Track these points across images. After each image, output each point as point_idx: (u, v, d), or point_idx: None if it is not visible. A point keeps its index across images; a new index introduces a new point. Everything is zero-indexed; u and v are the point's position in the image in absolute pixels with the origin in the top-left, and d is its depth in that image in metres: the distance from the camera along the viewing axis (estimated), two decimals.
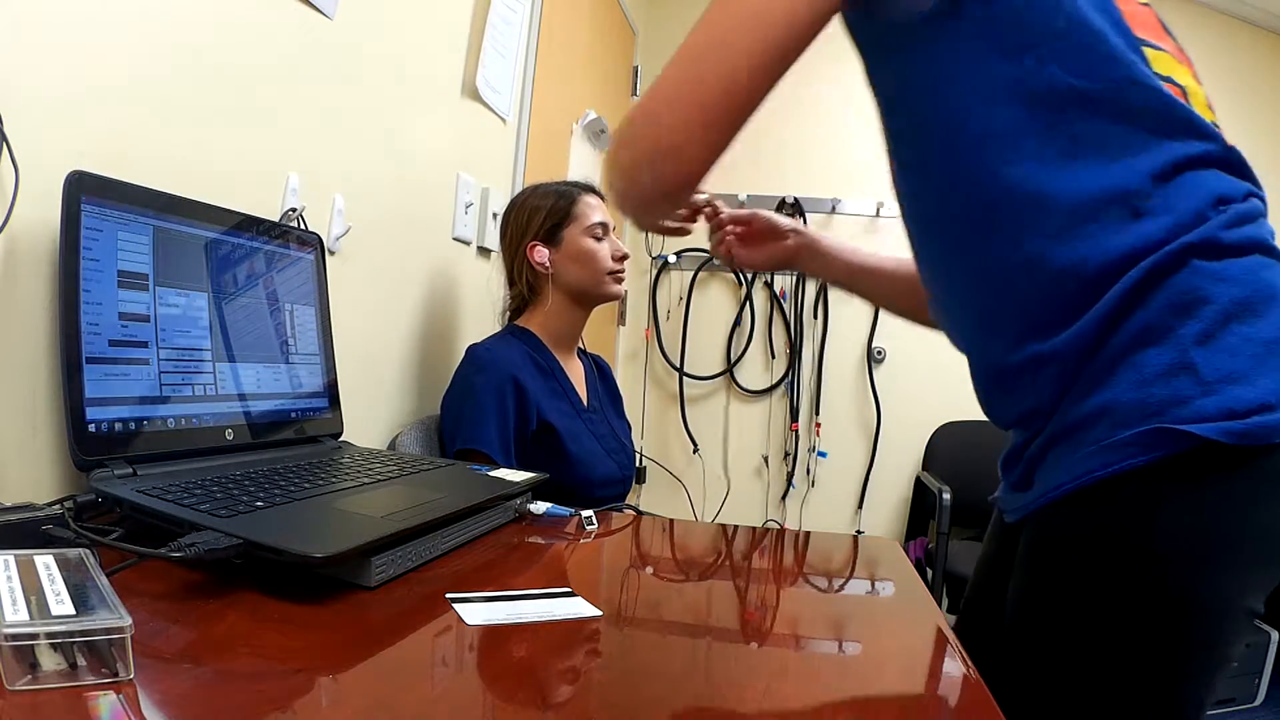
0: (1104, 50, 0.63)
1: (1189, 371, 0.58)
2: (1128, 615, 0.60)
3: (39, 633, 0.40)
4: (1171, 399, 0.58)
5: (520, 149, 1.84)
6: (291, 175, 1.04)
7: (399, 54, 1.29)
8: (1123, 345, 0.60)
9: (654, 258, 3.01)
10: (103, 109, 0.75)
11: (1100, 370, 0.61)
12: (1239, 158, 0.66)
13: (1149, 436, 0.58)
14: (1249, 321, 0.58)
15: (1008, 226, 0.65)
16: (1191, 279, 0.59)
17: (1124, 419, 0.59)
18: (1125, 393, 0.59)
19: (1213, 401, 0.57)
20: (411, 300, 1.42)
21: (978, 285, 0.70)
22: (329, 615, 0.56)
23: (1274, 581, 0.62)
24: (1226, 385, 0.57)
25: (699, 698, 0.50)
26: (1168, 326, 0.59)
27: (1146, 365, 0.59)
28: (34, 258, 0.69)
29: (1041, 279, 0.64)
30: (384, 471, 0.87)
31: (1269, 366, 0.58)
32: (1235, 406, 0.56)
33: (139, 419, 0.72)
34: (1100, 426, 0.60)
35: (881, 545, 1.00)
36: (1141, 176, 0.62)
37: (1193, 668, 0.61)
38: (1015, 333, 0.67)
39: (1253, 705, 2.35)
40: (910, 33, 0.67)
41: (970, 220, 0.68)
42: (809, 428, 2.96)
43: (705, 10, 0.66)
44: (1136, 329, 0.60)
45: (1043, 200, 0.63)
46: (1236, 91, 2.80)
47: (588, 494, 1.28)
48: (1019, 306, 0.67)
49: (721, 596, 0.76)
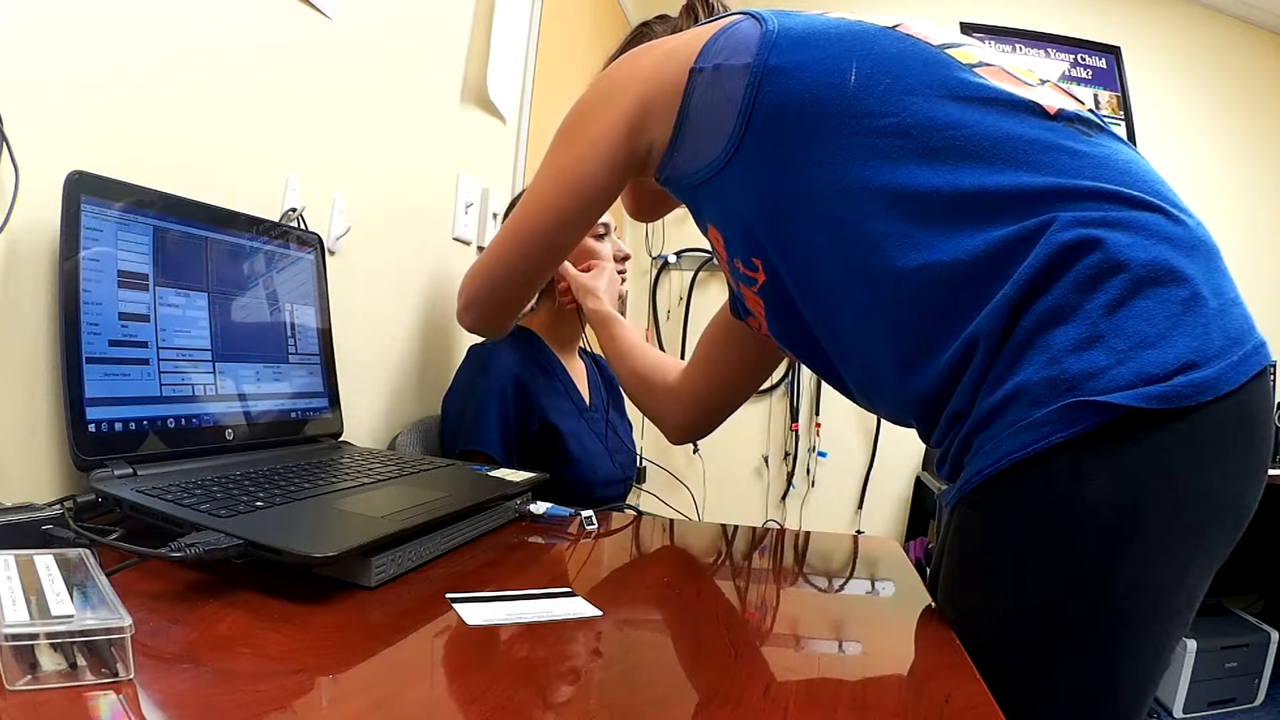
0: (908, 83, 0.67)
1: (1102, 342, 0.56)
2: (1052, 595, 0.59)
3: (39, 633, 0.40)
4: (1084, 372, 0.56)
5: (520, 149, 1.84)
6: (291, 175, 1.04)
7: (399, 54, 1.29)
8: (1029, 329, 0.59)
9: (654, 258, 3.02)
10: (103, 109, 0.75)
11: (1010, 356, 0.60)
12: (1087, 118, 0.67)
13: (1066, 412, 0.56)
14: (1166, 283, 0.57)
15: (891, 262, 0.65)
16: (1094, 257, 0.58)
17: (1037, 397, 0.57)
18: (1037, 371, 0.58)
19: (1128, 369, 0.55)
20: (411, 300, 1.42)
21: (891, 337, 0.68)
22: (329, 615, 0.56)
23: (1219, 550, 0.60)
24: (1142, 351, 0.56)
25: (699, 698, 0.50)
26: (1072, 304, 0.58)
27: (1055, 343, 0.58)
28: (34, 258, 0.69)
29: (937, 288, 0.63)
30: (384, 471, 0.87)
31: (1184, 326, 0.56)
32: (1154, 370, 0.55)
33: (139, 419, 0.72)
34: (1016, 407, 0.59)
35: (881, 545, 1.00)
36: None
37: (1126, 648, 0.59)
38: (927, 357, 0.66)
39: (1253, 705, 2.35)
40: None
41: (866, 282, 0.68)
42: (809, 428, 2.97)
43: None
44: (1041, 312, 0.59)
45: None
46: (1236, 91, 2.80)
47: (589, 494, 1.28)
48: (924, 331, 0.66)
49: (721, 596, 0.76)
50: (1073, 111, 0.66)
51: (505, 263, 0.90)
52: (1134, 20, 2.85)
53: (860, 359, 0.74)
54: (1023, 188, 0.62)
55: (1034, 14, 2.87)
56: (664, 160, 0.80)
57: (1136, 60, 2.86)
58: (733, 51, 0.73)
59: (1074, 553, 0.58)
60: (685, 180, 0.79)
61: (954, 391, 0.64)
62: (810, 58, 0.70)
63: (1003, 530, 0.61)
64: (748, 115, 0.71)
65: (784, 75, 0.70)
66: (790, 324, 0.79)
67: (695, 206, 0.83)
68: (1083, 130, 0.65)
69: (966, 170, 0.63)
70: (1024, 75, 0.69)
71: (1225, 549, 0.61)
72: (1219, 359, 0.56)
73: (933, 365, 0.65)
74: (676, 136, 0.77)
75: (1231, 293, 0.61)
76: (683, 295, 3.04)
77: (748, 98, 0.71)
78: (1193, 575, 0.59)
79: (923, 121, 0.65)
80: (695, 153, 0.76)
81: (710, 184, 0.76)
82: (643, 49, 0.82)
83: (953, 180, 0.63)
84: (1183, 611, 0.60)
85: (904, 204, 0.64)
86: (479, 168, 1.64)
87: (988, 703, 0.49)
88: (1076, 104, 0.68)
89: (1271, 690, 2.37)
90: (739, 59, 0.72)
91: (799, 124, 0.69)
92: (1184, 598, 0.60)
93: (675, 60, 0.77)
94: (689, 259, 3.01)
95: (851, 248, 0.68)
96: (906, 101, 0.66)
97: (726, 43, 0.74)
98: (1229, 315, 0.59)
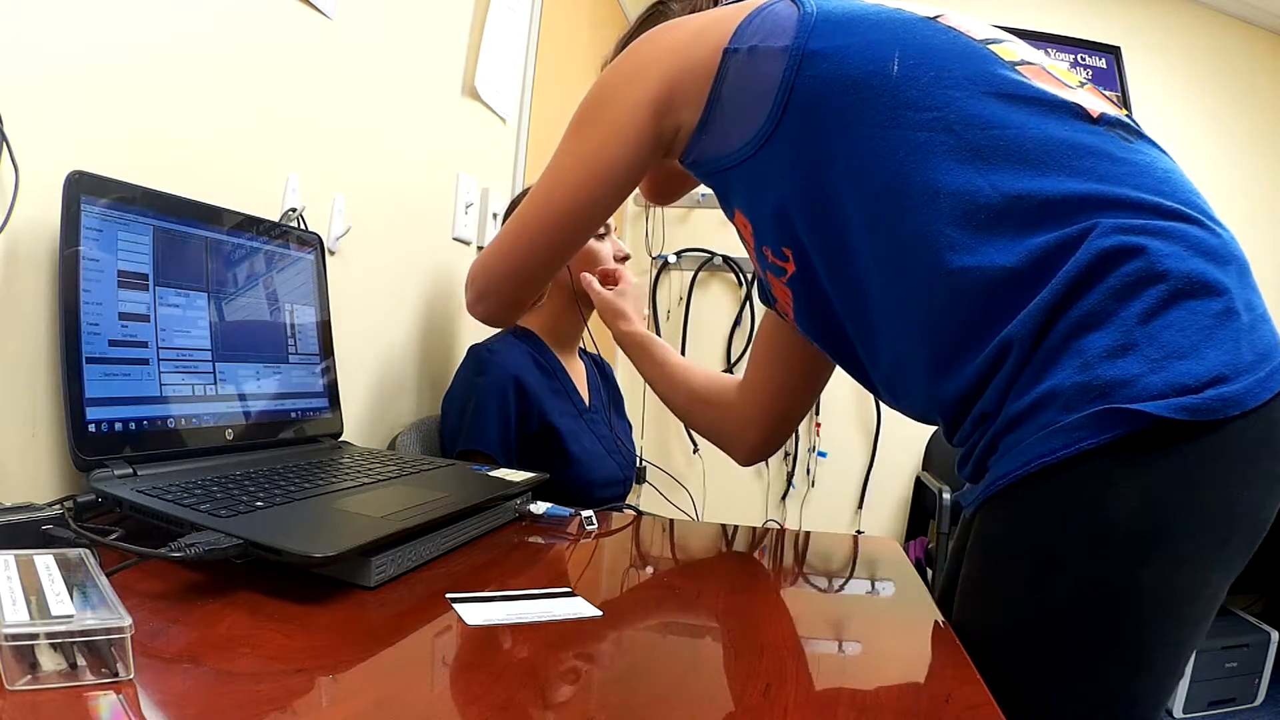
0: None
1: (1135, 350, 0.56)
2: (1076, 600, 0.59)
3: (39, 633, 0.40)
4: (1117, 379, 0.56)
5: (520, 149, 1.84)
6: (291, 175, 1.04)
7: (399, 54, 1.29)
8: (1063, 334, 0.59)
9: (654, 258, 3.01)
10: (103, 109, 0.75)
11: (1043, 360, 0.60)
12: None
13: (1099, 418, 0.56)
14: (1201, 295, 0.58)
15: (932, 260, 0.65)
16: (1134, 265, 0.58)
17: (1070, 402, 0.57)
18: (1070, 377, 0.58)
19: (1160, 379, 0.55)
20: (411, 300, 1.42)
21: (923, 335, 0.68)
22: (329, 615, 0.56)
23: (1237, 561, 0.60)
24: (1174, 362, 0.56)
25: (699, 698, 0.50)
26: (1108, 311, 0.58)
27: (1089, 349, 0.58)
28: (34, 258, 0.69)
29: (975, 292, 0.63)
30: (384, 471, 0.87)
31: (1217, 339, 0.56)
32: (1186, 382, 0.55)
33: (139, 419, 0.72)
34: (1047, 412, 0.59)
35: (881, 545, 1.00)
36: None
37: (1145, 655, 0.59)
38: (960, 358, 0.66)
39: (1253, 705, 2.35)
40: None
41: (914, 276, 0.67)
42: (809, 428, 2.96)
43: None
44: (1075, 318, 0.59)
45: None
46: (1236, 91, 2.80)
47: (588, 494, 1.28)
48: (958, 332, 0.65)
49: (721, 596, 0.76)
50: (1114, 116, 0.66)
51: (524, 248, 0.85)
52: (1134, 20, 2.85)
53: (890, 355, 0.73)
54: (1066, 194, 0.61)
55: (1034, 14, 2.87)
56: (691, 142, 0.77)
57: (1136, 60, 2.86)
58: (769, 34, 0.71)
59: (1100, 559, 0.58)
60: (714, 164, 0.77)
61: (983, 393, 0.63)
62: (850, 43, 0.68)
63: (1029, 534, 0.61)
64: (785, 100, 0.69)
65: (824, 60, 0.68)
66: (820, 316, 0.77)
67: (722, 191, 0.81)
68: (1123, 136, 0.65)
69: (1009, 172, 0.62)
70: (1064, 76, 0.68)
71: (1243, 561, 0.61)
72: (1248, 374, 0.56)
73: (965, 366, 0.64)
74: (706, 119, 0.75)
75: (1261, 308, 0.61)
76: (683, 295, 3.03)
77: (785, 81, 0.69)
78: (1212, 585, 0.59)
79: (966, 118, 0.64)
80: (726, 136, 0.74)
81: (741, 169, 0.74)
82: (664, 28, 0.79)
83: (995, 182, 0.62)
84: (1201, 622, 0.60)
85: (942, 201, 0.63)
86: (479, 168, 1.64)
87: (988, 703, 0.49)
88: (1116, 109, 0.68)
89: (1271, 690, 2.37)
90: (776, 41, 0.70)
91: (838, 111, 0.67)
92: (1203, 607, 0.60)
93: (705, 40, 0.75)
94: (689, 259, 3.01)
95: (887, 244, 0.67)
96: (950, 95, 0.64)
97: (763, 24, 0.72)
98: (1259, 331, 0.59)
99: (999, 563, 0.64)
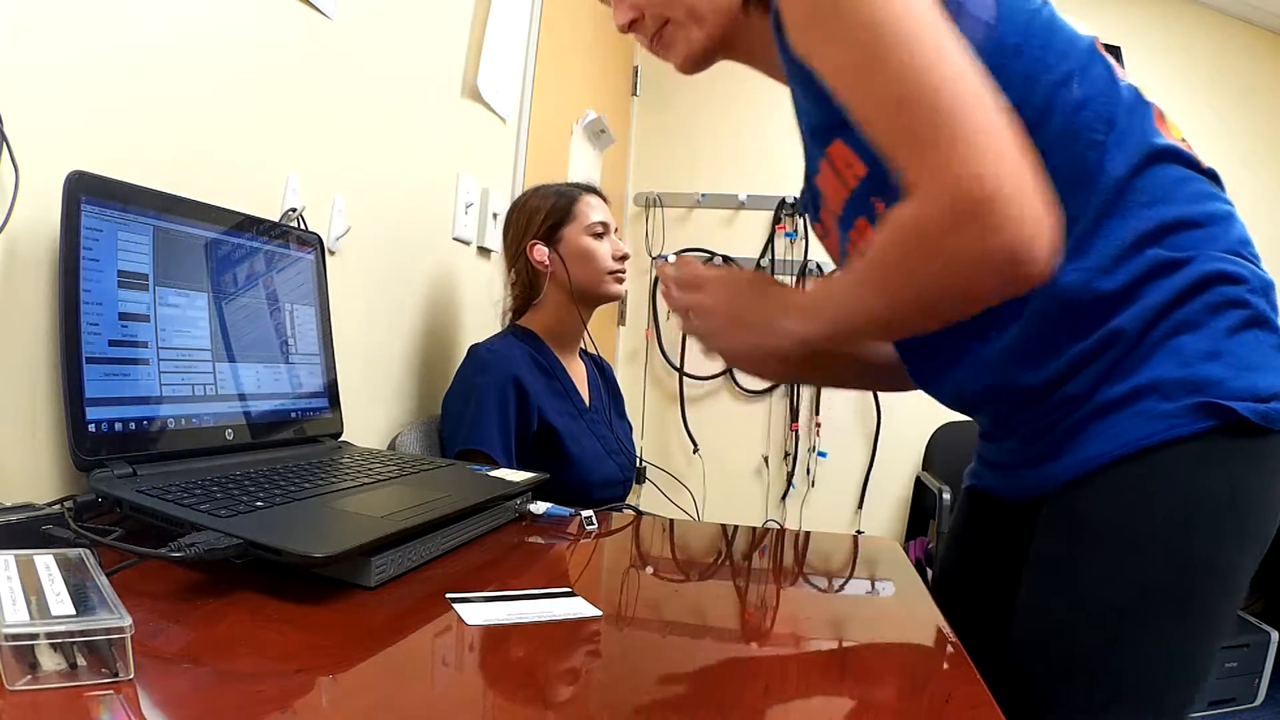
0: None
1: (1222, 358, 0.64)
2: (1159, 574, 0.64)
3: (39, 633, 0.40)
4: (1209, 379, 0.64)
5: (520, 149, 1.84)
6: (291, 175, 1.04)
7: (399, 54, 1.29)
8: (1163, 334, 0.65)
9: (654, 258, 3.01)
10: (103, 109, 0.75)
11: (1143, 354, 0.66)
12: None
13: (1196, 409, 0.63)
14: (1266, 328, 0.67)
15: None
16: (1226, 290, 0.66)
17: (1170, 393, 0.64)
18: (1170, 371, 0.64)
19: (1241, 384, 0.63)
20: (411, 300, 1.42)
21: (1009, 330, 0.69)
22: (329, 615, 0.56)
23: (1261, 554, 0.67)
24: (1249, 372, 0.64)
25: (699, 698, 0.50)
26: (1203, 321, 0.65)
27: (1185, 349, 0.65)
28: (34, 258, 0.69)
29: (1088, 301, 0.67)
30: (384, 471, 0.87)
31: (1275, 363, 0.66)
32: (1259, 391, 0.63)
33: (139, 419, 0.72)
34: (1147, 400, 0.65)
35: (881, 545, 1.00)
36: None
37: (1212, 627, 0.66)
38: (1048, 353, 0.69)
39: (1253, 705, 2.35)
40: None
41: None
42: (809, 428, 2.97)
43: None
44: (1175, 321, 0.65)
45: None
46: (1236, 91, 2.80)
47: (588, 495, 1.28)
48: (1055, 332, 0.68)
49: (721, 596, 0.76)
50: (1213, 171, 0.71)
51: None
52: (1134, 20, 2.85)
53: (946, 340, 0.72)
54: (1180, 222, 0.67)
55: None
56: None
57: (1136, 60, 2.84)
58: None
59: (1188, 538, 0.64)
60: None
61: (1073, 377, 0.68)
62: (1031, 42, 0.66)
63: (1118, 510, 0.66)
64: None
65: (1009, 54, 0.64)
66: None
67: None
68: (1221, 187, 0.72)
69: (1142, 215, 0.66)
70: (1173, 127, 0.72)
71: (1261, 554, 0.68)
72: None
73: (1055, 359, 0.68)
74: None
75: None
76: None
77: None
78: (1249, 570, 0.67)
79: (1119, 179, 0.66)
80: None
81: None
82: None
83: (1133, 225, 0.67)
84: (1237, 602, 0.68)
85: (1071, 226, 0.64)
86: (479, 168, 1.64)
87: (988, 703, 0.49)
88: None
89: (1271, 690, 2.36)
90: (980, 11, 0.65)
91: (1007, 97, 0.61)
92: (1240, 598, 0.67)
93: None
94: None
95: None
96: (1114, 154, 0.66)
97: None
98: None
99: (1086, 538, 0.68)
